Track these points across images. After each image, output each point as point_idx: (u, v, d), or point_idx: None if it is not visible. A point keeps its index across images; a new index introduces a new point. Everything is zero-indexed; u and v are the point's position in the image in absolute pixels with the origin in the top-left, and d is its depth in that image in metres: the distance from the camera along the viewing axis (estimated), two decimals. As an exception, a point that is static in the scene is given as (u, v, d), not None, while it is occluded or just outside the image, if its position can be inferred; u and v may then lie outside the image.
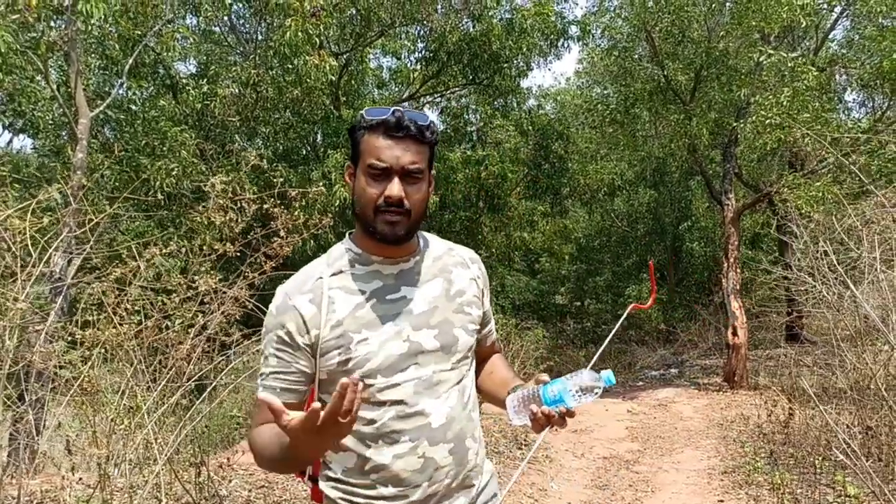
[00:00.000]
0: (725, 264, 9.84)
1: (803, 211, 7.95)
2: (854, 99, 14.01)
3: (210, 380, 4.38)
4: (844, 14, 10.78)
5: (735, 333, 9.32)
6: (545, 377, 1.39)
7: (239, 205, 3.60)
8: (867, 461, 3.86)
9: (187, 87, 9.43)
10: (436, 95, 13.80)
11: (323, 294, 1.37)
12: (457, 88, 13.29)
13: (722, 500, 4.72)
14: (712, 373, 11.15)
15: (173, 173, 7.62)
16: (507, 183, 12.25)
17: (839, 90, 12.60)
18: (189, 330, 3.61)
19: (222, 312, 3.80)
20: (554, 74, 43.99)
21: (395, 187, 1.31)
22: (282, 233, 3.77)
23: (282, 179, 4.12)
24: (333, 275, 1.40)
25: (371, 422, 1.36)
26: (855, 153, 8.59)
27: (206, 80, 9.64)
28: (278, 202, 3.77)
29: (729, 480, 5.18)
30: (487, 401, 1.64)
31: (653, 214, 17.70)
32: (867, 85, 8.77)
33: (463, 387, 1.46)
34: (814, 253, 5.50)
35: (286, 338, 1.35)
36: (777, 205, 11.10)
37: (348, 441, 1.37)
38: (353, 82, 12.42)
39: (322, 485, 1.46)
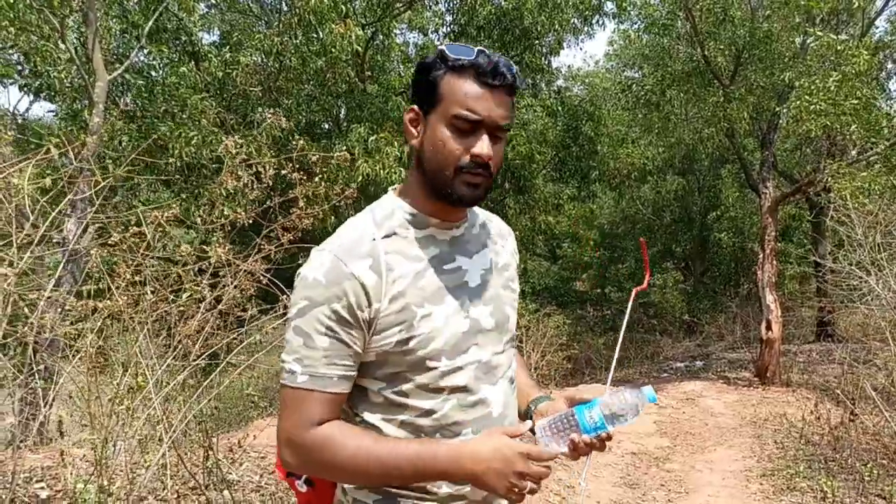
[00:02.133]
0: (761, 255, 9.41)
1: (849, 202, 7.51)
2: (899, 88, 13.42)
3: (223, 357, 4.14)
4: (898, -5, 10.21)
5: (769, 327, 8.92)
6: (581, 394, 1.25)
7: (255, 169, 3.31)
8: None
9: (209, 55, 9.18)
10: (462, 72, 13.41)
11: (381, 259, 1.14)
12: (485, 66, 12.89)
13: (763, 506, 4.41)
14: (741, 367, 10.76)
15: (193, 142, 7.37)
16: (534, 164, 11.88)
17: (883, 78, 12.04)
18: (199, 304, 3.35)
19: (235, 286, 3.54)
20: (584, 56, 43.14)
21: (486, 145, 1.13)
22: (301, 203, 3.48)
23: (301, 143, 3.81)
24: (386, 237, 1.18)
25: (429, 412, 1.17)
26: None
27: (228, 47, 9.37)
28: (298, 170, 3.49)
29: (769, 484, 4.87)
30: None
31: (680, 203, 17.24)
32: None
33: (512, 371, 1.32)
34: (870, 245, 5.12)
35: (344, 313, 1.10)
36: (818, 195, 10.62)
37: (400, 435, 1.18)
38: (378, 57, 12.08)
39: (349, 488, 1.23)
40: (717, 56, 10.18)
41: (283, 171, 3.40)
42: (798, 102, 8.17)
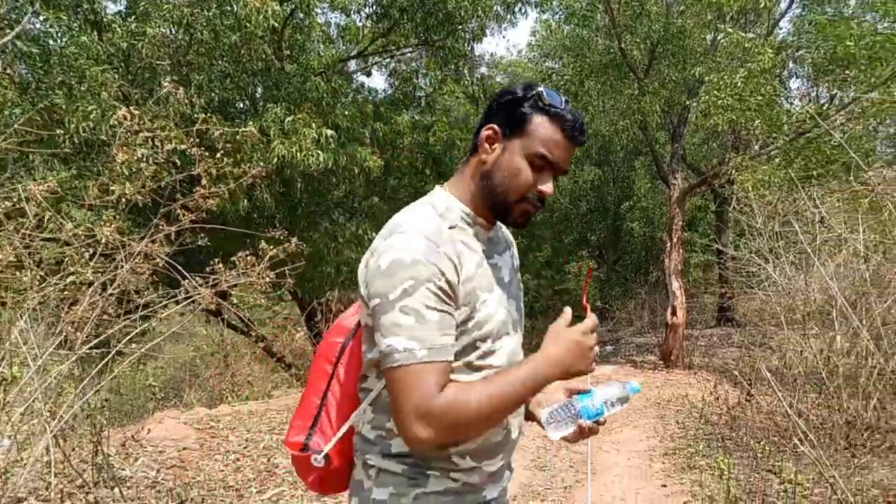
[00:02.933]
0: (669, 244, 9.79)
1: (750, 194, 7.90)
2: (798, 88, 14.21)
3: (126, 345, 3.89)
4: (798, -1, 10.78)
5: (674, 313, 9.31)
6: (579, 385, 1.43)
7: (153, 144, 3.08)
8: (824, 449, 3.75)
9: (113, 25, 8.60)
10: (385, 55, 13.21)
11: (456, 245, 1.26)
12: (407, 50, 12.74)
13: (665, 485, 4.57)
14: (647, 351, 11.20)
15: (91, 116, 6.90)
16: (455, 150, 11.87)
17: (785, 77, 12.73)
18: (89, 287, 3.11)
19: (131, 269, 3.31)
20: (507, 45, 43.69)
21: (551, 185, 1.31)
22: (204, 181, 3.28)
23: (202, 117, 3.58)
24: (451, 227, 1.30)
25: None
26: (801, 139, 8.63)
27: (134, 17, 8.80)
28: (201, 145, 3.28)
29: (670, 463, 5.06)
30: None
31: (596, 192, 17.70)
32: (821, 70, 8.74)
33: None
34: (769, 234, 5.38)
35: (446, 287, 1.20)
36: (722, 187, 11.13)
37: None
38: (297, 36, 11.71)
39: (372, 457, 1.31)
40: (633, 49, 10.45)
41: (183, 147, 3.18)
42: (707, 97, 8.50)
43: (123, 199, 3.45)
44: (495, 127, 1.31)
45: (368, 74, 14.78)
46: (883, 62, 7.81)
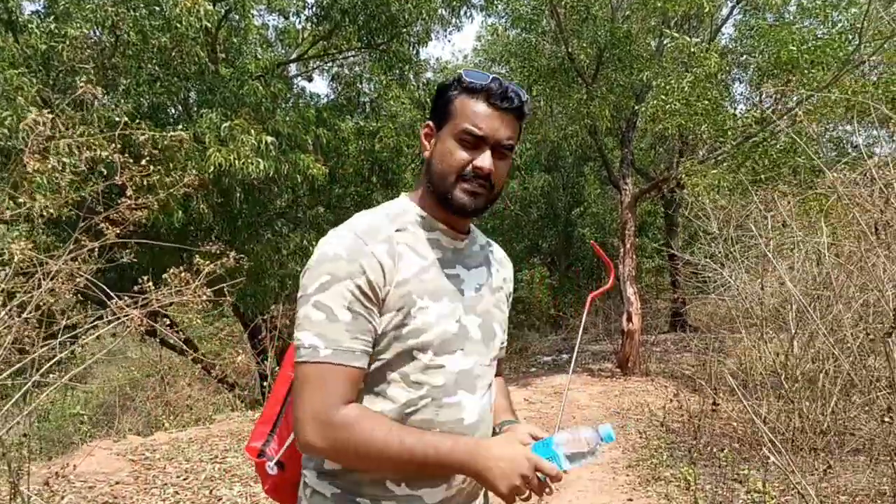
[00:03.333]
0: (622, 250, 9.74)
1: (702, 198, 7.90)
2: (741, 93, 14.46)
3: (48, 372, 3.48)
4: (739, 4, 10.97)
5: (630, 319, 9.25)
6: (534, 431, 1.28)
7: (69, 149, 2.72)
8: (792, 455, 3.64)
9: (30, 26, 8.02)
10: (327, 60, 12.86)
11: (394, 247, 1.22)
12: (350, 53, 12.42)
13: (631, 499, 4.40)
14: (603, 358, 11.14)
15: (6, 123, 6.35)
16: (403, 157, 11.61)
17: (729, 82, 12.96)
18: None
19: (49, 289, 2.92)
20: (452, 50, 43.69)
21: (486, 159, 1.25)
22: (129, 192, 2.92)
23: (125, 120, 3.22)
24: (398, 230, 1.26)
25: (405, 405, 1.21)
26: (748, 143, 8.72)
27: (53, 17, 8.23)
28: (123, 151, 2.92)
29: (635, 475, 4.90)
30: None
31: (546, 199, 17.70)
32: (766, 74, 8.85)
33: (491, 387, 1.38)
34: (725, 238, 5.31)
35: (366, 288, 1.16)
36: (673, 192, 11.19)
37: None
38: (234, 38, 11.23)
39: (308, 474, 1.27)
40: (581, 54, 10.41)
41: (105, 154, 2.83)
42: (655, 102, 8.49)
43: (42, 212, 3.06)
44: (430, 123, 1.31)
45: (310, 79, 14.42)
46: (824, 67, 7.96)
